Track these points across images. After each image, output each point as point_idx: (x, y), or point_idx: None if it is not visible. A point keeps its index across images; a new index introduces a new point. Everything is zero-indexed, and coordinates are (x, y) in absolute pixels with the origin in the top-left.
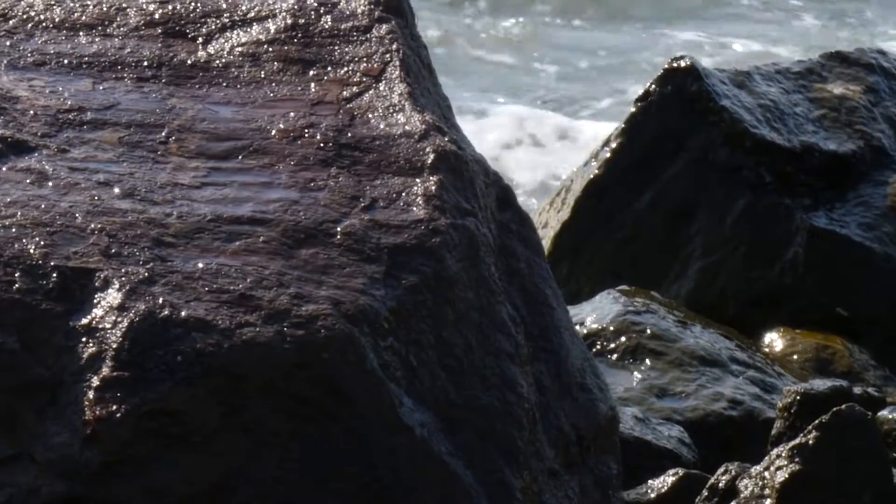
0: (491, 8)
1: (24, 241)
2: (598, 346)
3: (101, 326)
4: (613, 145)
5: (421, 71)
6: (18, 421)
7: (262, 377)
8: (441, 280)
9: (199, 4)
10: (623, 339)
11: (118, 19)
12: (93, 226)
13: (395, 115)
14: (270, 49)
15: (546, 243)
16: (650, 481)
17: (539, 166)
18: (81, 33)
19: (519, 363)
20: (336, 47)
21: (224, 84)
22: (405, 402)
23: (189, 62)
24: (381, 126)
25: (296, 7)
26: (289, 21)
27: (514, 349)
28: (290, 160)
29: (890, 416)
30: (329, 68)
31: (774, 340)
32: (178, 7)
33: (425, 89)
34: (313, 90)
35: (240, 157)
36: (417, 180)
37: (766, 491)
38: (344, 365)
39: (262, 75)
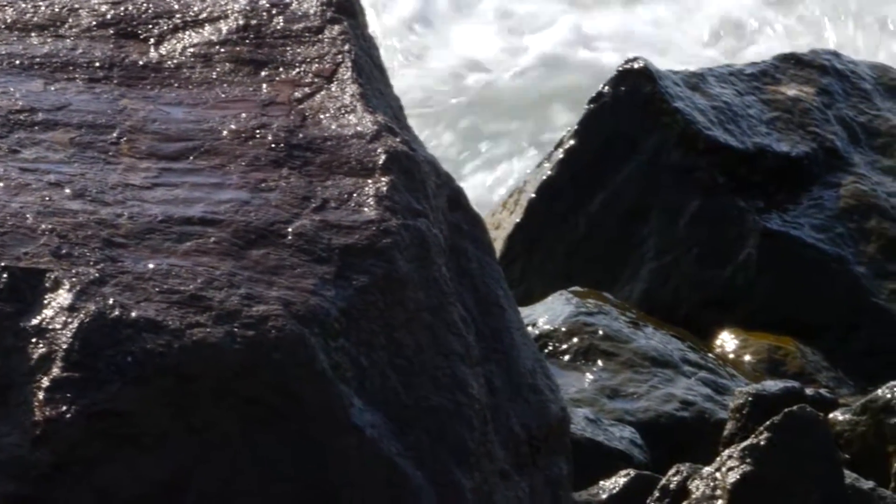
0: None
1: None
2: (550, 347)
3: (51, 327)
4: (566, 146)
5: (373, 72)
6: None
7: (212, 378)
8: (392, 281)
9: (151, 5)
10: (575, 340)
11: (70, 20)
12: (43, 226)
13: (346, 115)
14: (222, 50)
15: (499, 245)
16: (601, 482)
17: None
18: (33, 34)
19: (470, 364)
20: (288, 48)
21: (176, 85)
22: (355, 403)
23: (141, 63)
24: (333, 127)
25: (248, 8)
26: (241, 22)
27: (464, 350)
28: (241, 161)
29: (841, 418)
30: (281, 69)
31: (727, 342)
32: (130, 8)
33: (377, 90)
34: (265, 91)
35: (191, 158)
36: (369, 181)
37: (718, 492)
38: (294, 366)
39: (214, 76)
